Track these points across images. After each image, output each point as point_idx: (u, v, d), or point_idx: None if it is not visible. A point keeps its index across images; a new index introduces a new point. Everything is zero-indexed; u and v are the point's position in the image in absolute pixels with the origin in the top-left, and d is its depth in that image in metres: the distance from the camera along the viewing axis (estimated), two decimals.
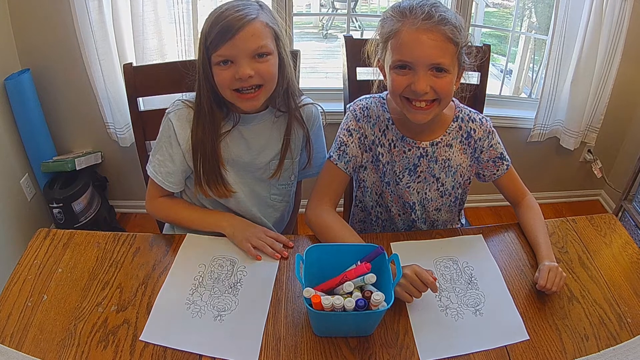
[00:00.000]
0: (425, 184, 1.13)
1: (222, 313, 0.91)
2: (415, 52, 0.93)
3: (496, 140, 1.12)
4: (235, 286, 0.96)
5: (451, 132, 1.09)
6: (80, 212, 2.02)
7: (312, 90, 2.26)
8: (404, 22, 0.94)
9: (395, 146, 1.09)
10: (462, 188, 1.17)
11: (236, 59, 0.97)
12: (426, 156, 1.09)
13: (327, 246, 0.97)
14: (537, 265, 1.00)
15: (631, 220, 2.04)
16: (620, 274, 1.01)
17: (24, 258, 1.00)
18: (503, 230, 1.13)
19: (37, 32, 1.86)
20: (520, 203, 1.16)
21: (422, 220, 1.19)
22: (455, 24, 0.94)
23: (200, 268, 1.00)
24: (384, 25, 0.99)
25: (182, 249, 1.04)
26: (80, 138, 2.15)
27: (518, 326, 0.89)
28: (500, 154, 1.13)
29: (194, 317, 0.90)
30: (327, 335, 0.87)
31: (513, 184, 1.16)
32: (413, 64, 0.94)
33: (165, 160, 1.09)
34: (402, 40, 0.94)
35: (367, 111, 1.10)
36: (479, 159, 1.13)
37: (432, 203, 1.16)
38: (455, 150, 1.10)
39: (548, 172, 2.41)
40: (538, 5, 2.82)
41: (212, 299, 0.93)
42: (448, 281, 0.99)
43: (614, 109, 2.13)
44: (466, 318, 0.91)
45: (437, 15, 0.92)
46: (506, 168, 1.13)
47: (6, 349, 0.82)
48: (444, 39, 0.93)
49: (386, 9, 1.04)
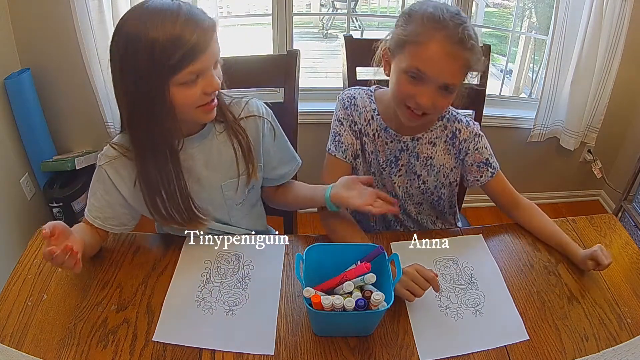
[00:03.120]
0: (406, 178, 1.15)
1: (234, 307, 0.91)
2: (435, 69, 0.93)
3: (482, 145, 1.10)
4: (243, 280, 0.97)
5: (435, 129, 1.10)
6: (80, 211, 2.02)
7: (312, 90, 2.26)
8: (435, 35, 0.91)
9: (379, 136, 1.12)
10: (446, 189, 1.17)
11: (206, 71, 0.86)
12: (407, 150, 1.11)
13: (327, 246, 0.97)
14: (537, 265, 1.01)
15: (631, 221, 2.04)
16: (620, 274, 1.01)
17: (23, 257, 1.00)
18: (503, 230, 1.13)
19: (37, 32, 1.86)
20: (517, 206, 1.13)
21: (406, 212, 1.20)
22: (479, 55, 0.94)
23: (206, 264, 1.01)
24: (409, 23, 0.95)
25: (185, 248, 1.05)
26: (80, 137, 2.15)
27: (518, 326, 0.89)
28: (486, 160, 1.11)
29: (206, 314, 0.90)
30: (327, 335, 0.87)
31: (502, 191, 1.13)
32: (427, 78, 0.94)
33: (102, 207, 0.99)
34: (427, 52, 0.92)
35: (353, 100, 1.13)
36: (464, 162, 1.12)
37: (413, 198, 1.18)
38: (438, 149, 1.11)
39: (548, 172, 2.41)
40: (538, 5, 2.82)
41: (222, 295, 0.94)
42: (448, 281, 0.99)
43: (614, 109, 2.13)
44: (466, 318, 0.91)
45: (468, 43, 0.91)
46: (491, 175, 1.11)
47: (6, 348, 0.82)
48: (466, 65, 0.94)
49: (415, 3, 1.00)
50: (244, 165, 1.03)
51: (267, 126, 1.06)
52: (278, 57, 1.24)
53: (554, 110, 2.12)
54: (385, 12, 5.25)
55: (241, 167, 1.03)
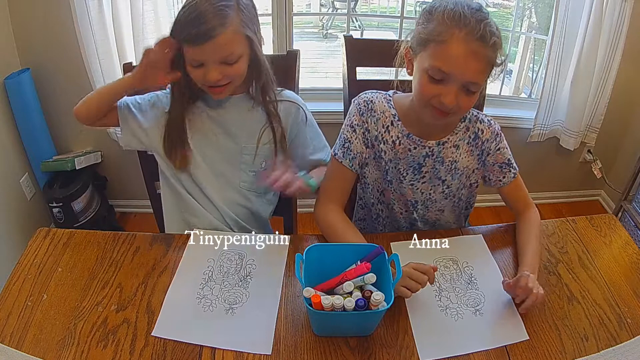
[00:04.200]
0: (429, 185, 1.11)
1: (234, 306, 0.92)
2: (458, 67, 0.90)
3: (504, 145, 1.09)
4: (245, 279, 0.98)
5: (458, 132, 1.07)
6: (80, 211, 2.02)
7: (312, 90, 2.26)
8: (455, 33, 0.89)
9: (400, 143, 1.07)
10: (467, 189, 1.15)
11: (206, 63, 0.99)
12: (432, 156, 1.07)
13: (327, 246, 0.97)
14: (538, 267, 1.00)
15: (631, 221, 2.04)
16: (620, 274, 1.01)
17: (23, 257, 1.00)
18: (503, 231, 1.13)
19: (37, 32, 1.86)
20: (522, 215, 1.12)
21: (422, 220, 1.18)
22: (502, 49, 0.92)
23: (209, 262, 1.01)
24: (430, 21, 0.93)
25: (189, 246, 1.05)
26: (80, 137, 2.15)
27: (518, 326, 0.89)
28: (508, 160, 1.09)
29: (206, 311, 0.90)
30: (327, 335, 0.87)
31: (517, 194, 1.13)
32: (450, 78, 0.92)
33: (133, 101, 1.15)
34: (449, 51, 0.90)
35: (371, 105, 1.08)
36: (485, 162, 1.10)
37: (435, 204, 1.15)
38: (462, 151, 1.08)
39: (548, 172, 2.41)
40: (538, 5, 2.82)
41: (223, 293, 0.94)
42: (448, 281, 0.99)
43: (614, 109, 2.13)
44: (466, 318, 0.91)
45: (491, 40, 0.88)
46: (513, 176, 1.10)
47: (6, 348, 0.82)
48: (489, 62, 0.92)
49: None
50: (270, 135, 1.13)
51: (302, 113, 1.17)
52: (278, 57, 1.24)
53: (554, 110, 2.12)
54: (385, 12, 5.26)
55: (266, 137, 1.13)
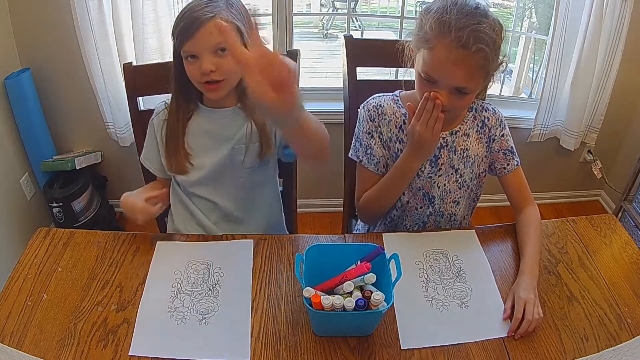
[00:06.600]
0: (445, 176, 1.13)
1: (206, 316, 0.90)
2: (443, 75, 0.94)
3: (507, 132, 1.13)
4: (214, 288, 0.96)
5: (467, 121, 1.11)
6: (80, 211, 2.02)
7: (312, 90, 2.26)
8: (440, 39, 0.92)
9: None
10: (477, 179, 1.17)
11: (199, 54, 1.01)
12: (446, 146, 1.10)
13: (327, 246, 0.97)
14: (538, 267, 1.00)
15: (631, 221, 2.04)
16: (620, 274, 1.01)
17: (23, 257, 1.00)
18: (502, 231, 1.13)
19: (37, 32, 1.86)
20: (522, 211, 1.12)
21: (439, 213, 1.18)
22: (490, 54, 0.91)
23: (176, 275, 0.99)
24: (423, 24, 0.96)
25: (154, 259, 1.02)
26: (80, 137, 2.15)
27: (501, 322, 0.90)
28: (511, 148, 1.13)
29: (179, 324, 0.89)
30: (327, 335, 0.87)
31: (519, 186, 1.14)
32: (440, 81, 0.95)
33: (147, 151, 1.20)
34: (433, 58, 0.93)
35: (381, 109, 1.11)
36: (491, 149, 1.13)
37: (450, 195, 1.16)
38: (472, 140, 1.12)
39: (548, 172, 2.41)
40: (538, 6, 2.82)
41: (194, 304, 0.93)
42: (436, 273, 0.99)
43: (614, 109, 2.13)
44: (451, 310, 0.92)
45: (474, 47, 0.89)
46: (516, 164, 1.13)
47: (6, 348, 0.82)
48: (476, 67, 0.92)
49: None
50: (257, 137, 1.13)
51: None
52: None
53: (554, 110, 2.12)
54: (385, 12, 5.26)
55: (254, 139, 1.14)
